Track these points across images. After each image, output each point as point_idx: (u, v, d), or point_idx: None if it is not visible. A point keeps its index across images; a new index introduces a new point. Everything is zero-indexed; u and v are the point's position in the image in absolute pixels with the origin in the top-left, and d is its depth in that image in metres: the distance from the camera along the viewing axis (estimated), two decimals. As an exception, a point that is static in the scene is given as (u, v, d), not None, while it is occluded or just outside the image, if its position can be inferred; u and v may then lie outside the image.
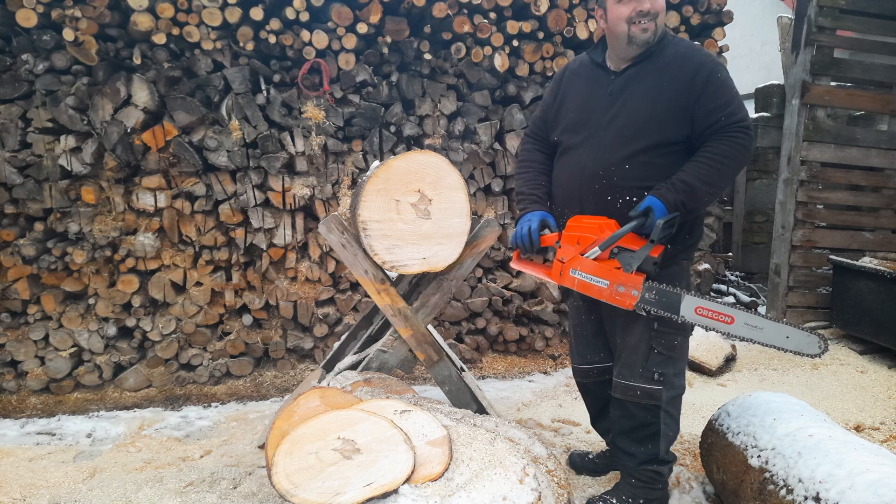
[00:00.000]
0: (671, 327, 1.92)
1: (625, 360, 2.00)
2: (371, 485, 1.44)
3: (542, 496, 1.45)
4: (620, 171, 1.87)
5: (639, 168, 1.85)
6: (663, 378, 1.95)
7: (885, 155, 4.40)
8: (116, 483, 2.17)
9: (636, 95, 1.87)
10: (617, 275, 1.81)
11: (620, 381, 2.01)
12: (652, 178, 1.84)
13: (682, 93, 1.81)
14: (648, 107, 1.84)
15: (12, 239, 3.32)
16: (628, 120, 1.87)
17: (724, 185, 1.84)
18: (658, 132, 1.83)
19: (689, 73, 1.82)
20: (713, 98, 1.79)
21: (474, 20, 3.51)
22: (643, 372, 1.96)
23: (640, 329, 1.96)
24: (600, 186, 1.90)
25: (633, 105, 1.87)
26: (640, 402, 1.96)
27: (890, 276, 3.68)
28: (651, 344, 1.94)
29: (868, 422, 2.91)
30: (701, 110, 1.80)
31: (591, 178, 1.92)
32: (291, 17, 3.30)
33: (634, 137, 1.85)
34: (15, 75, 3.19)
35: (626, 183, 1.87)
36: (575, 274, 1.88)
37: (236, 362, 3.65)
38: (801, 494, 1.60)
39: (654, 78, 1.86)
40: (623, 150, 1.86)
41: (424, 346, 2.40)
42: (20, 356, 3.37)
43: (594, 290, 1.85)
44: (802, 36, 4.30)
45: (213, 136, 3.39)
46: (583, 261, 1.86)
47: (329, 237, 2.29)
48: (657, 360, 1.95)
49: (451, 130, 3.72)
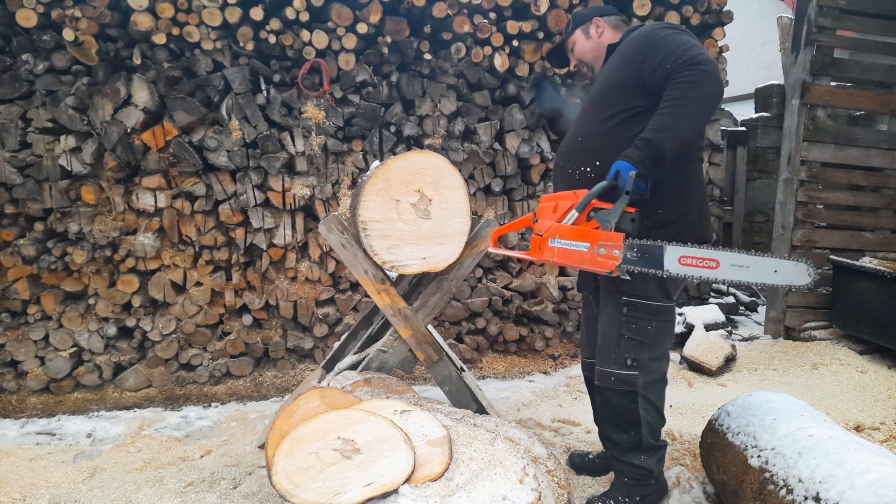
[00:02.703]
0: (645, 311, 1.92)
1: (601, 346, 2.02)
2: (371, 485, 1.44)
3: (542, 496, 1.45)
4: (579, 144, 2.00)
5: (594, 139, 1.95)
6: (637, 363, 1.93)
7: (885, 155, 4.40)
8: (116, 483, 2.17)
9: (599, 79, 2.06)
10: (596, 235, 1.76)
11: (598, 367, 2.01)
12: (606, 147, 1.90)
13: (631, 63, 1.89)
14: (606, 82, 1.97)
15: (12, 239, 3.32)
16: (591, 99, 2.04)
17: (685, 125, 1.76)
18: (613, 102, 1.92)
19: (633, 44, 1.92)
20: (656, 53, 1.82)
21: (474, 20, 3.51)
22: (615, 357, 1.95)
23: (610, 313, 1.97)
24: (564, 163, 2.04)
25: (596, 87, 2.04)
26: (615, 388, 1.96)
27: (890, 276, 3.68)
28: (620, 330, 1.94)
29: (868, 422, 2.91)
30: (648, 70, 1.83)
31: (562, 156, 2.08)
32: (291, 17, 3.30)
33: (595, 110, 1.98)
34: (15, 75, 3.19)
35: (581, 154, 1.98)
36: (554, 243, 1.82)
37: (236, 362, 3.65)
38: (801, 494, 1.60)
39: (611, 61, 2.02)
40: (585, 125, 2.01)
41: (424, 346, 2.40)
42: (20, 356, 3.37)
43: (574, 256, 1.79)
44: (802, 36, 4.30)
45: (213, 136, 3.39)
46: (561, 228, 1.81)
47: (329, 237, 2.29)
48: (628, 346, 1.94)
49: (451, 130, 3.72)
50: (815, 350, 4.01)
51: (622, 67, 1.92)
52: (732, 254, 1.71)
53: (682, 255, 1.73)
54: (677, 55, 1.77)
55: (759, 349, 4.13)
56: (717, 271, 1.71)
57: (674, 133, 1.74)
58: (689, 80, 1.74)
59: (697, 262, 1.72)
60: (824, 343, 4.15)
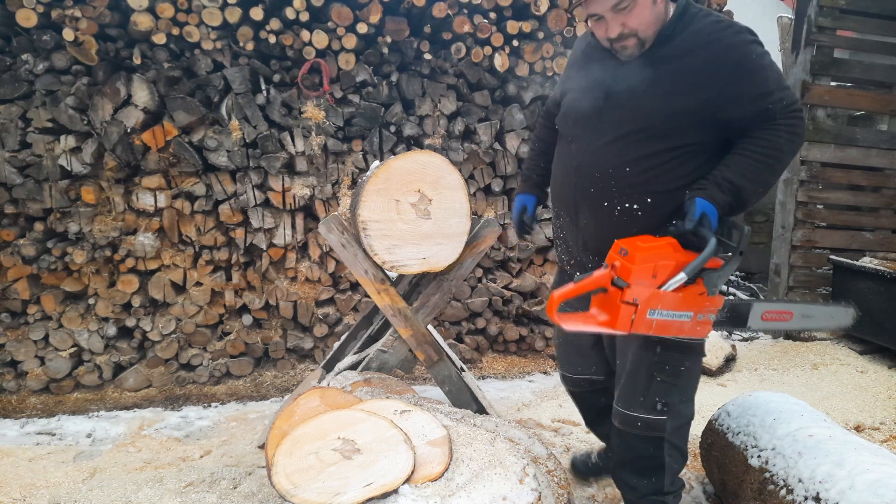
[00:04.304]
0: (678, 350, 1.68)
1: (624, 387, 1.78)
2: (371, 485, 1.44)
3: (542, 496, 1.45)
4: (620, 174, 1.62)
5: (642, 173, 1.60)
6: (667, 408, 1.72)
7: (885, 155, 4.40)
8: (116, 483, 2.17)
9: (641, 91, 1.59)
10: (702, 302, 1.52)
11: (619, 408, 1.79)
12: (656, 182, 1.60)
13: (707, 87, 1.51)
14: (658, 105, 1.56)
15: (12, 239, 3.32)
16: (632, 118, 1.60)
17: (774, 181, 1.56)
18: (667, 135, 1.57)
19: (712, 62, 1.51)
20: (751, 83, 1.50)
21: (474, 20, 3.51)
22: (644, 401, 1.73)
23: (638, 352, 1.73)
24: (596, 191, 1.67)
25: (638, 102, 1.59)
26: (640, 433, 1.75)
27: (890, 276, 3.68)
28: (652, 371, 1.71)
29: (868, 422, 2.91)
30: (734, 103, 1.51)
31: (586, 179, 1.69)
32: (291, 17, 3.30)
33: (639, 140, 1.60)
34: (15, 75, 3.19)
35: (626, 189, 1.62)
36: (654, 315, 1.49)
37: (236, 362, 3.65)
38: (802, 494, 1.60)
39: (666, 70, 1.56)
40: (625, 154, 1.61)
41: (424, 346, 2.40)
42: (20, 356, 3.37)
43: (674, 327, 1.52)
44: (802, 36, 4.30)
45: (213, 136, 3.39)
46: (664, 296, 1.48)
47: (329, 237, 2.29)
48: (660, 389, 1.71)
49: (451, 130, 3.72)
50: (815, 350, 4.01)
51: (692, 89, 1.52)
52: (802, 305, 1.68)
53: (766, 310, 1.63)
54: (781, 95, 1.51)
55: (759, 349, 4.13)
56: (790, 323, 1.65)
57: (764, 188, 1.53)
58: (792, 131, 1.51)
59: (776, 317, 1.63)
60: (824, 343, 4.15)
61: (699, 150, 1.59)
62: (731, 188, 1.48)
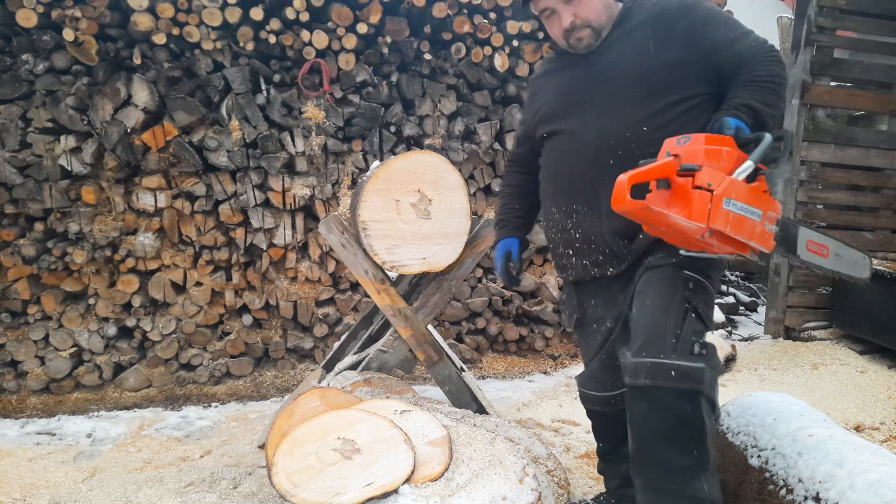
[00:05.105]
0: (707, 295, 1.53)
1: (648, 328, 1.47)
2: (371, 485, 1.44)
3: (542, 496, 1.45)
4: (637, 134, 1.56)
5: (659, 129, 1.54)
6: (705, 350, 1.44)
7: (885, 155, 4.40)
8: (116, 483, 2.17)
9: (626, 57, 1.61)
10: (767, 201, 1.34)
11: (645, 358, 1.43)
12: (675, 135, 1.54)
13: (690, 38, 1.56)
14: (649, 60, 1.58)
15: (12, 239, 3.32)
16: (628, 81, 1.60)
17: (781, 107, 1.55)
18: (670, 87, 1.57)
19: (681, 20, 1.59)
20: (726, 30, 1.56)
21: (474, 20, 3.51)
22: (677, 344, 1.42)
23: (664, 289, 1.50)
24: (616, 161, 1.56)
25: (628, 66, 1.60)
26: (675, 386, 1.40)
27: (890, 276, 3.68)
28: (687, 305, 1.47)
29: (868, 422, 2.91)
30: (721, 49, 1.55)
31: (600, 153, 1.60)
32: (291, 18, 3.30)
33: (643, 98, 1.58)
34: (15, 75, 3.19)
35: (647, 148, 1.50)
36: (730, 206, 1.28)
37: (236, 362, 3.65)
38: (801, 494, 1.60)
39: (640, 35, 1.61)
40: (635, 114, 1.58)
41: (424, 346, 2.40)
42: (20, 356, 3.37)
43: (747, 227, 1.31)
44: (802, 36, 4.30)
45: (213, 136, 3.40)
46: (737, 184, 1.29)
47: (329, 237, 2.29)
48: (696, 327, 1.46)
49: (451, 130, 3.72)
50: (815, 350, 4.01)
51: (675, 42, 1.56)
52: (835, 242, 1.54)
53: (809, 238, 1.49)
54: (755, 36, 1.57)
55: (759, 349, 4.13)
56: (826, 260, 1.52)
57: (775, 111, 1.50)
58: (778, 59, 1.54)
59: (817, 249, 1.50)
60: (824, 343, 4.15)
61: (706, 103, 1.58)
62: (749, 110, 1.46)
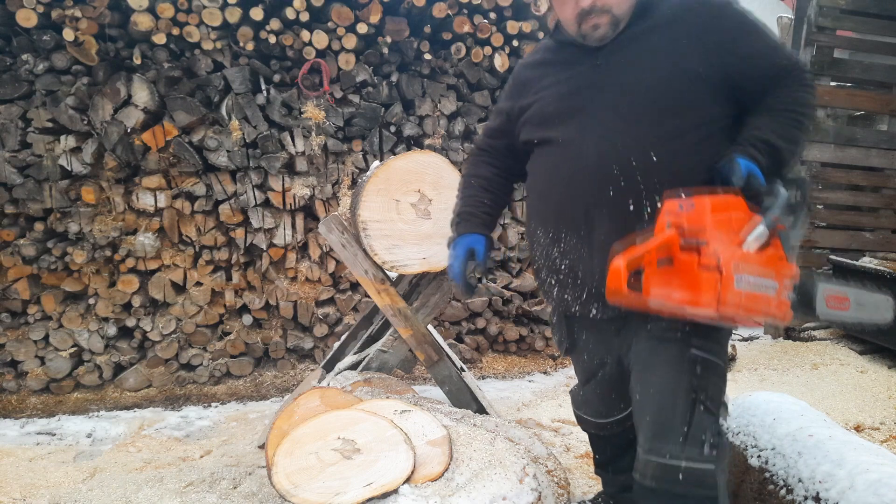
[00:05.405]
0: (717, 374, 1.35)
1: (655, 424, 1.32)
2: (371, 485, 1.44)
3: (542, 496, 1.45)
4: (644, 162, 1.33)
5: (670, 157, 1.32)
6: (717, 448, 1.27)
7: (885, 155, 4.39)
8: (116, 483, 2.17)
9: (642, 58, 1.37)
10: (782, 268, 1.19)
11: (651, 458, 1.29)
12: (687, 165, 1.33)
13: (709, 50, 1.33)
14: (665, 73, 1.35)
15: (12, 239, 3.32)
16: (639, 97, 1.36)
17: (804, 142, 1.36)
18: (684, 108, 1.34)
19: (709, 25, 1.35)
20: (760, 44, 1.34)
21: (474, 20, 3.51)
22: (686, 442, 1.26)
23: (671, 373, 1.33)
24: (616, 191, 1.35)
25: (640, 77, 1.36)
26: (684, 491, 1.25)
27: (890, 276, 3.68)
28: (695, 392, 1.30)
29: (868, 422, 2.91)
30: (749, 64, 1.33)
31: (601, 180, 1.36)
32: (291, 17, 3.30)
33: (654, 119, 1.34)
34: (15, 75, 3.19)
35: (654, 179, 1.31)
36: (741, 284, 1.12)
37: (236, 362, 3.65)
38: (801, 494, 1.60)
39: (659, 39, 1.37)
40: (644, 137, 1.34)
41: (424, 346, 2.40)
42: (20, 356, 3.37)
43: (761, 304, 1.15)
44: (802, 36, 4.29)
45: (213, 136, 3.39)
46: (748, 255, 1.15)
47: (329, 237, 2.29)
48: (706, 421, 1.29)
49: (451, 130, 3.72)
50: (815, 350, 4.01)
51: (699, 51, 1.32)
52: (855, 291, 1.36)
53: (828, 293, 1.32)
54: (786, 52, 1.37)
55: (759, 349, 4.13)
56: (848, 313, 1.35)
57: (797, 148, 1.32)
58: (808, 83, 1.35)
59: (837, 304, 1.34)
60: (824, 343, 4.15)
61: (726, 129, 1.37)
62: (768, 148, 1.26)
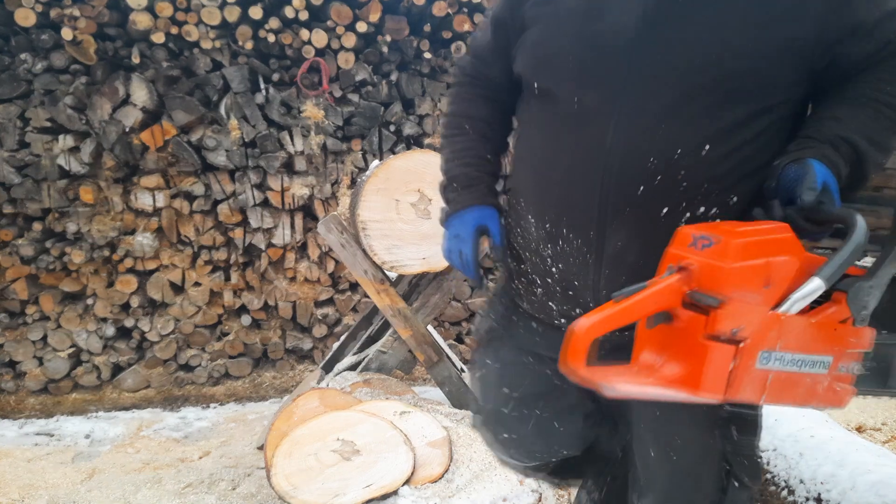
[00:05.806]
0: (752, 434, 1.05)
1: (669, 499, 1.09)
2: (371, 486, 1.43)
3: (542, 497, 1.44)
4: (694, 160, 0.93)
5: (730, 155, 0.93)
6: None
7: (886, 155, 4.39)
8: (115, 484, 2.17)
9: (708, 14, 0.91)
10: (844, 337, 0.85)
11: None
12: (749, 168, 0.95)
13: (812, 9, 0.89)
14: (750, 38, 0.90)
15: (10, 239, 3.31)
16: (705, 62, 0.90)
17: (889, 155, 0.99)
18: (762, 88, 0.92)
19: None
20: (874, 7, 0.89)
21: (474, 19, 3.50)
22: None
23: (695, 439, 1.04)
24: (649, 193, 0.94)
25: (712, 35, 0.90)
26: None
27: (890, 276, 3.67)
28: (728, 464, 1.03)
29: (870, 423, 2.90)
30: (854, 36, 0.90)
31: (627, 173, 0.95)
32: (290, 16, 3.29)
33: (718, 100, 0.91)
34: (13, 74, 3.18)
35: (703, 183, 0.94)
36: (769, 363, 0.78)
37: (235, 363, 3.64)
38: (803, 495, 1.60)
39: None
40: (699, 125, 0.92)
41: (424, 346, 2.39)
42: (18, 356, 3.36)
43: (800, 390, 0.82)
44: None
45: (211, 135, 3.39)
46: (787, 324, 0.79)
47: (328, 237, 2.28)
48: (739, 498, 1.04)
49: (451, 130, 3.71)
50: (816, 350, 4.01)
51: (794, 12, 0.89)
52: None
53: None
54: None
55: (760, 349, 4.13)
56: None
57: (886, 156, 0.97)
58: None
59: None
60: (824, 343, 4.14)
61: (792, 117, 0.97)
62: (850, 150, 0.90)
